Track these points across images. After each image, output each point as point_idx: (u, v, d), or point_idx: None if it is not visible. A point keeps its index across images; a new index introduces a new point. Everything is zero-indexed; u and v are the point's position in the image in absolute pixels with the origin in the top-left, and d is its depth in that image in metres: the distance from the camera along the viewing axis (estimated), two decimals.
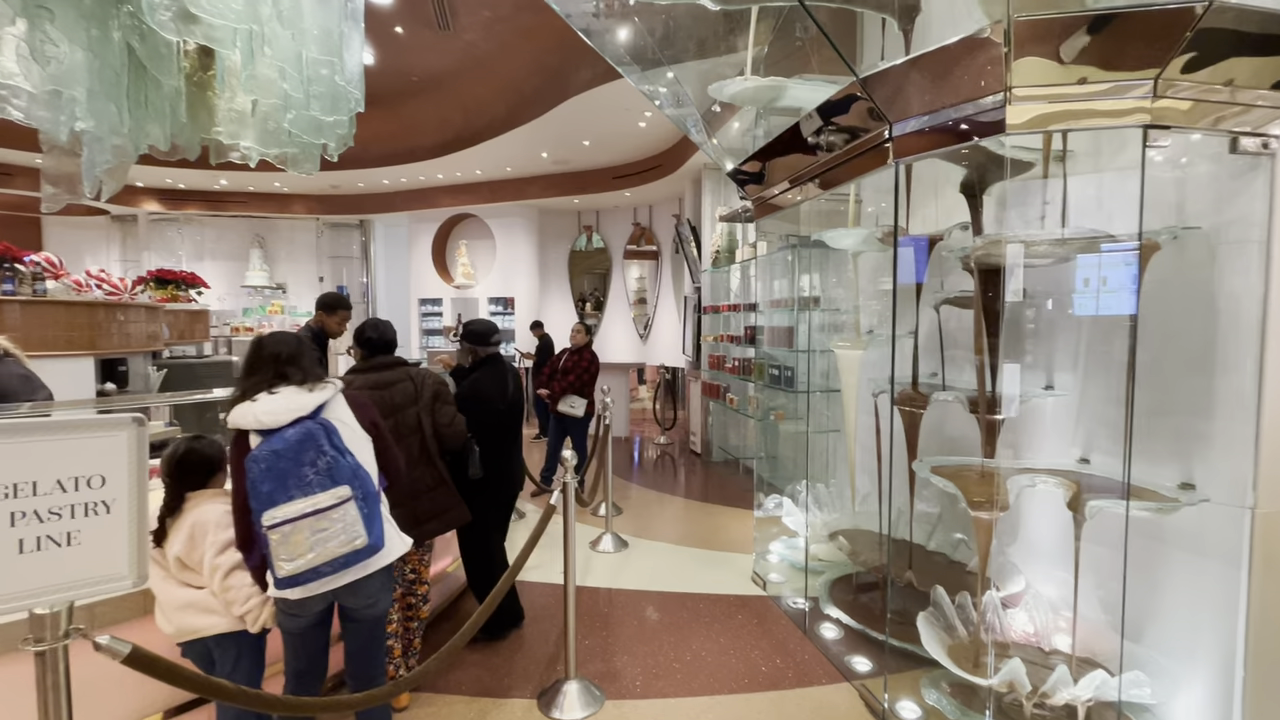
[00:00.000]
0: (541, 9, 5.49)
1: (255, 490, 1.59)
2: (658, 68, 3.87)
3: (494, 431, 2.80)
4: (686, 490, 6.01)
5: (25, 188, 8.93)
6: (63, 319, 3.81)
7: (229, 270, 11.27)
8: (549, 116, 6.57)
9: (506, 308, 10.56)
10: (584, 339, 5.66)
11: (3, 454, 1.13)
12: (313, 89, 4.31)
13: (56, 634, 1.18)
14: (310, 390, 1.76)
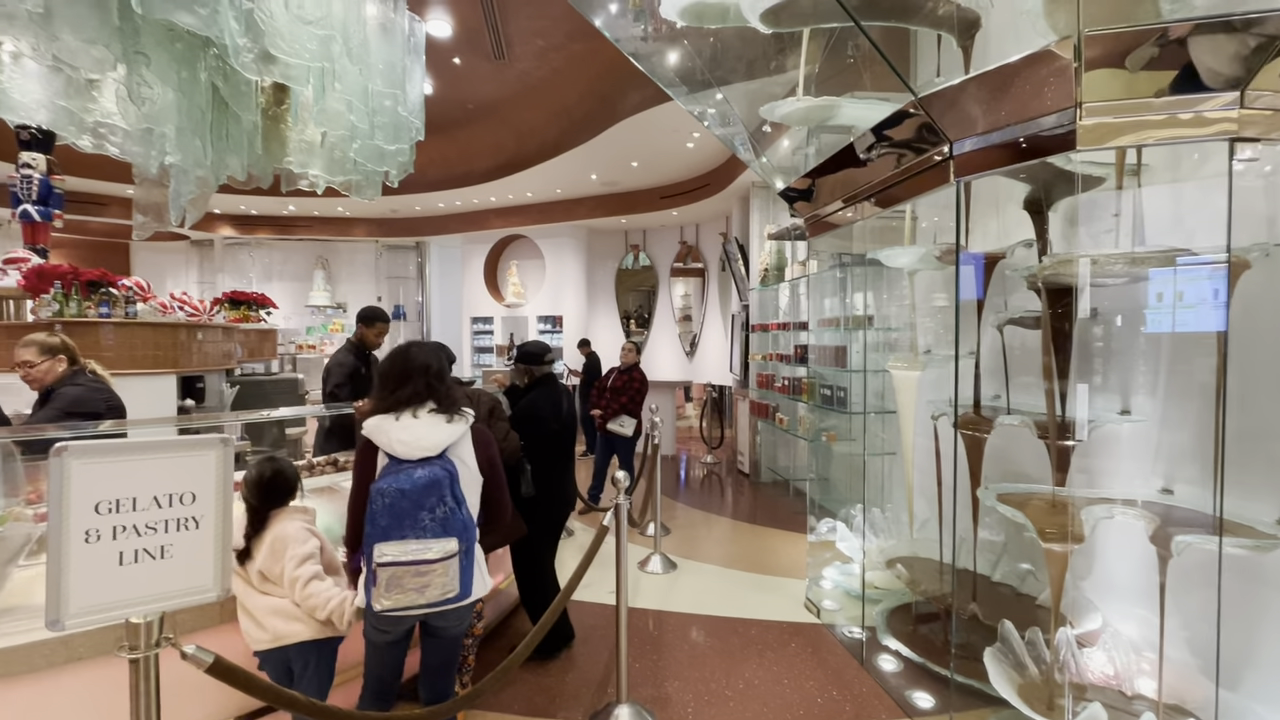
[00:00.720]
0: (593, 37, 5.64)
1: (373, 519, 1.67)
2: (706, 89, 3.92)
3: (547, 451, 2.84)
4: (734, 511, 5.93)
5: (118, 216, 9.65)
6: (150, 339, 4.09)
7: (294, 290, 11.86)
8: (599, 140, 6.70)
9: (555, 326, 10.74)
10: (634, 358, 5.69)
11: (108, 473, 1.22)
12: (377, 120, 4.54)
13: (149, 642, 1.25)
14: (449, 421, 1.82)
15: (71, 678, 1.83)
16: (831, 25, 3.09)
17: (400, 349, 1.93)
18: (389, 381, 1.85)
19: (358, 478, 1.81)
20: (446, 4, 5.19)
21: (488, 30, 5.55)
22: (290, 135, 5.48)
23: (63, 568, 1.17)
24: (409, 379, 1.84)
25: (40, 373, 2.73)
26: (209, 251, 11.98)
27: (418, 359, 1.87)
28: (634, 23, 3.64)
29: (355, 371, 3.62)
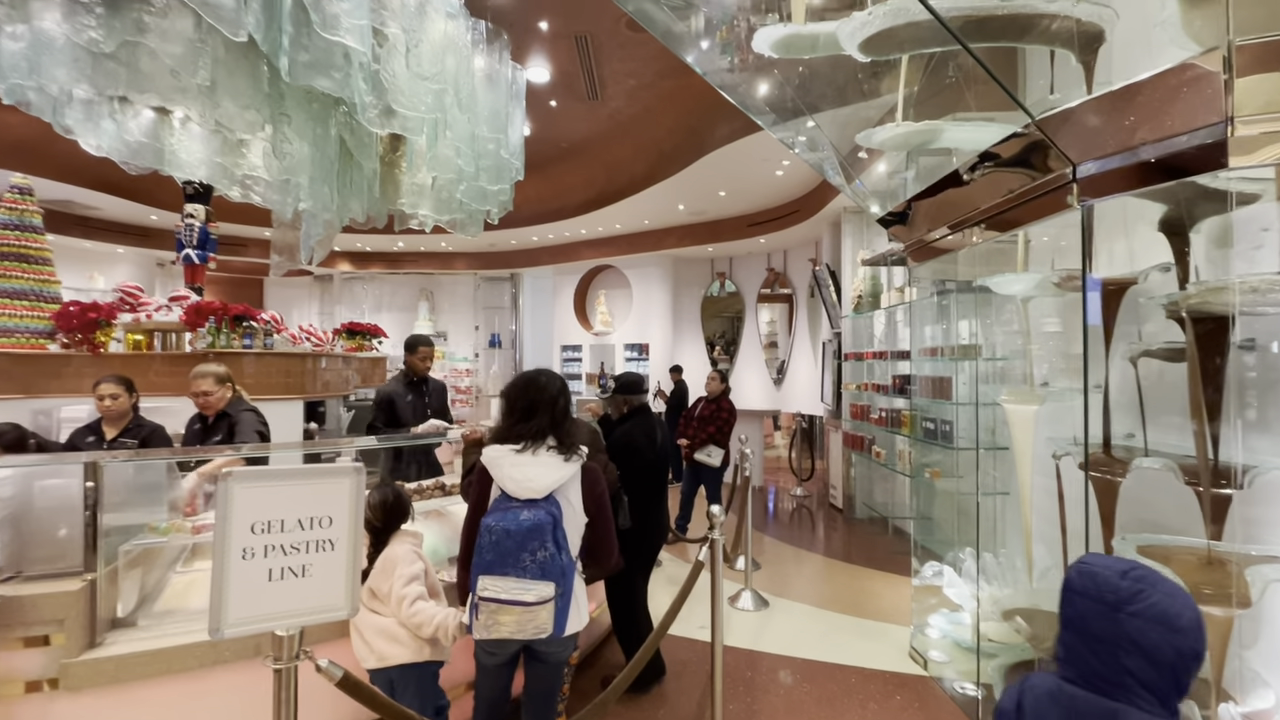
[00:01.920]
0: (682, 73, 5.77)
1: (480, 550, 1.75)
2: (797, 117, 3.89)
3: (642, 481, 2.86)
4: (827, 548, 5.69)
5: (255, 256, 10.82)
6: (283, 367, 4.53)
7: (401, 320, 12.74)
8: (687, 172, 6.81)
9: (641, 353, 10.86)
10: (720, 387, 5.64)
11: (262, 497, 1.36)
12: (482, 163, 4.85)
13: (291, 654, 1.37)
14: (565, 460, 1.86)
15: (217, 679, 2.02)
16: (935, 49, 3.01)
17: (529, 378, 1.97)
18: (515, 410, 1.92)
19: (473, 503, 1.90)
20: (545, 52, 5.50)
21: (583, 73, 5.82)
22: (403, 179, 5.97)
23: (224, 581, 1.31)
24: (535, 413, 1.89)
25: (216, 400, 3.10)
26: (329, 285, 13.14)
27: (546, 392, 1.92)
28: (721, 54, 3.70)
29: (389, 400, 3.77)
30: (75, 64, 4.01)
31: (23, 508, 2.02)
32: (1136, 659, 0.98)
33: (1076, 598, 1.08)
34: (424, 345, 3.94)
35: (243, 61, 4.07)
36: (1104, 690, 1.01)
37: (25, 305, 4.41)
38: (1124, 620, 1.00)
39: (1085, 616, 1.05)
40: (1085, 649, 1.05)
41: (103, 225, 9.33)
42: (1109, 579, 1.05)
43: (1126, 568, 1.07)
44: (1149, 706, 0.98)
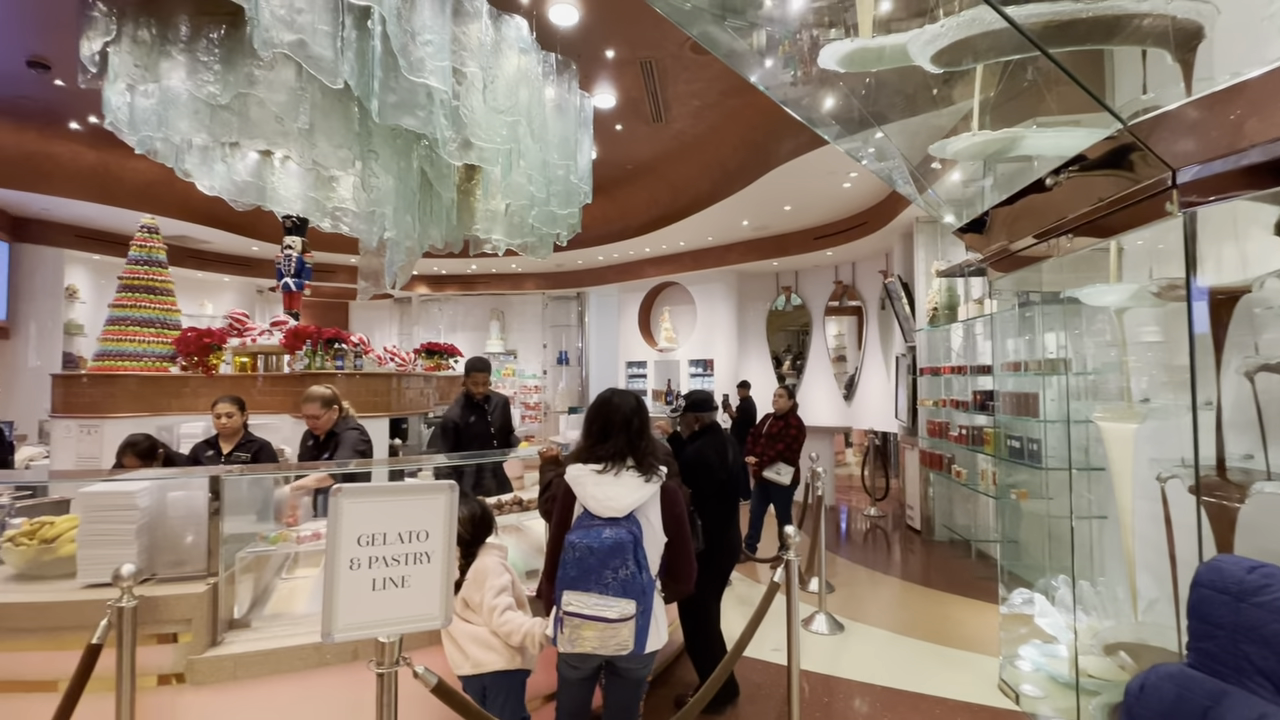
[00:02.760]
0: (746, 92, 5.81)
1: (564, 566, 1.82)
2: (864, 128, 3.83)
3: (715, 501, 2.86)
4: (904, 571, 5.46)
5: (342, 281, 11.56)
6: (371, 386, 4.83)
7: (474, 339, 13.26)
8: (751, 188, 6.81)
9: (706, 369, 10.84)
10: (788, 404, 5.56)
11: (367, 511, 1.47)
12: (552, 188, 5.03)
13: (391, 660, 1.46)
14: (646, 481, 1.91)
15: (321, 680, 2.17)
16: (1013, 57, 2.91)
17: (603, 399, 2.04)
18: (593, 432, 1.99)
19: (558, 519, 1.97)
20: (612, 79, 5.67)
21: (648, 97, 5.96)
22: (478, 207, 6.27)
23: (335, 589, 1.42)
24: (611, 434, 1.96)
25: (324, 421, 3.38)
26: (408, 307, 13.85)
27: (620, 413, 1.98)
28: (784, 69, 3.70)
29: (453, 424, 3.90)
30: (195, 116, 4.48)
31: (157, 516, 2.25)
32: (1256, 646, 1.05)
33: (1202, 589, 1.17)
34: (479, 371, 4.09)
35: (337, 105, 4.43)
36: (1219, 673, 1.09)
37: (151, 332, 4.90)
38: (1246, 610, 1.08)
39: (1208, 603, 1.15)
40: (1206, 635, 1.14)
41: (212, 257, 10.24)
42: (1235, 573, 1.14)
43: (1254, 565, 1.15)
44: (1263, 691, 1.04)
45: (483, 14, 3.75)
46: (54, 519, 2.36)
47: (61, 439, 4.67)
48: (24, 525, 2.37)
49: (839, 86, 3.65)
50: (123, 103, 4.41)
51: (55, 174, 7.19)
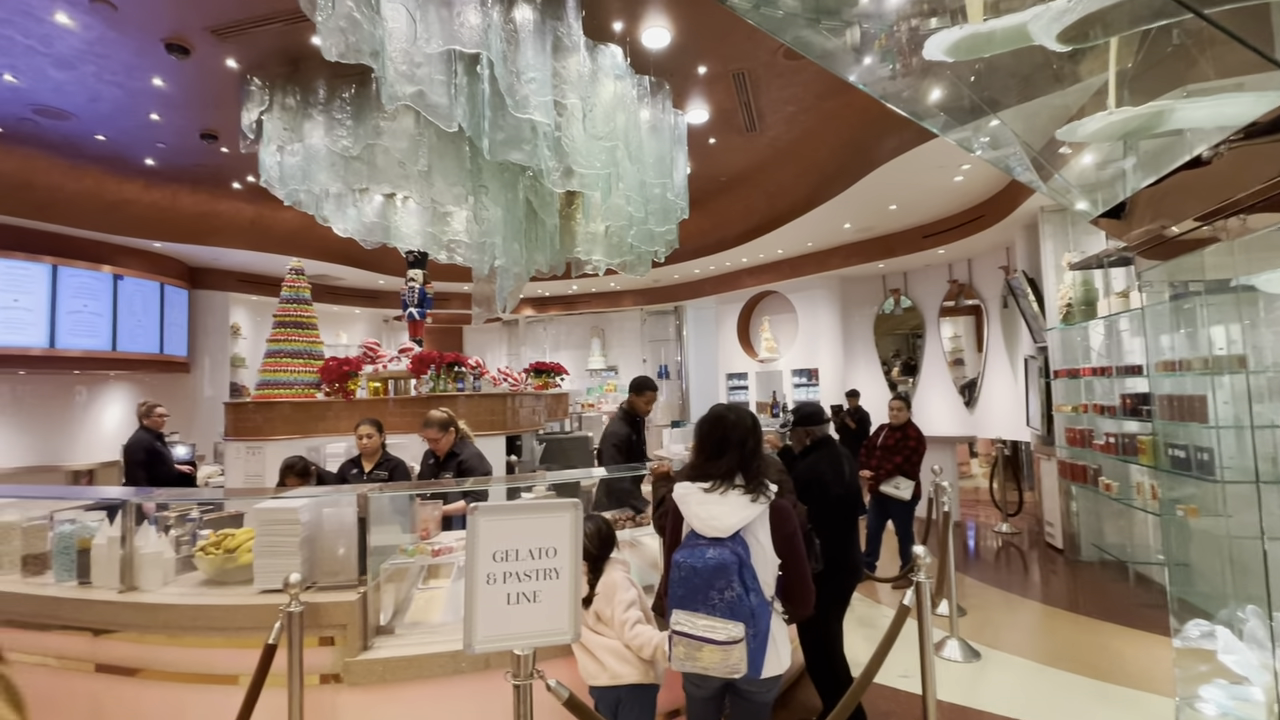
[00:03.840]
0: (842, 93, 5.64)
1: (672, 584, 1.84)
2: (977, 117, 3.59)
3: (832, 518, 2.76)
4: (1046, 595, 4.96)
5: (456, 308, 12.36)
6: (488, 407, 5.13)
7: (576, 357, 13.69)
8: (853, 190, 6.57)
9: (810, 379, 10.51)
10: (905, 415, 5.25)
11: (500, 528, 1.55)
12: (650, 207, 5.12)
13: (526, 673, 1.53)
14: (752, 500, 1.87)
15: (458, 686, 2.30)
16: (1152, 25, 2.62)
17: (717, 415, 2.01)
18: (705, 449, 1.98)
19: (668, 537, 1.99)
20: (704, 94, 5.71)
21: (741, 108, 5.93)
22: (579, 230, 6.51)
23: (474, 603, 1.51)
24: (724, 452, 1.93)
25: (443, 443, 3.64)
26: (515, 329, 14.57)
27: (735, 431, 1.95)
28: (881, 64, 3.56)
29: (627, 441, 3.93)
30: (332, 168, 5.00)
31: (315, 530, 2.51)
32: None
33: None
34: (650, 390, 4.09)
35: (451, 146, 4.78)
36: None
37: (300, 363, 5.50)
38: None
39: None
40: None
41: (346, 292, 11.33)
42: None
43: None
44: None
45: (580, 47, 3.91)
46: (234, 531, 2.70)
47: (232, 459, 5.33)
48: (210, 536, 2.72)
49: (945, 75, 3.45)
50: (274, 162, 5.02)
51: (221, 228, 8.29)
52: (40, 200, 6.79)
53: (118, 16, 4.33)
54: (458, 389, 5.06)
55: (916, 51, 3.25)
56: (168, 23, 4.43)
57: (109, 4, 4.19)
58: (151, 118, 5.88)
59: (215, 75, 5.08)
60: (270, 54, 4.79)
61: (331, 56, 3.03)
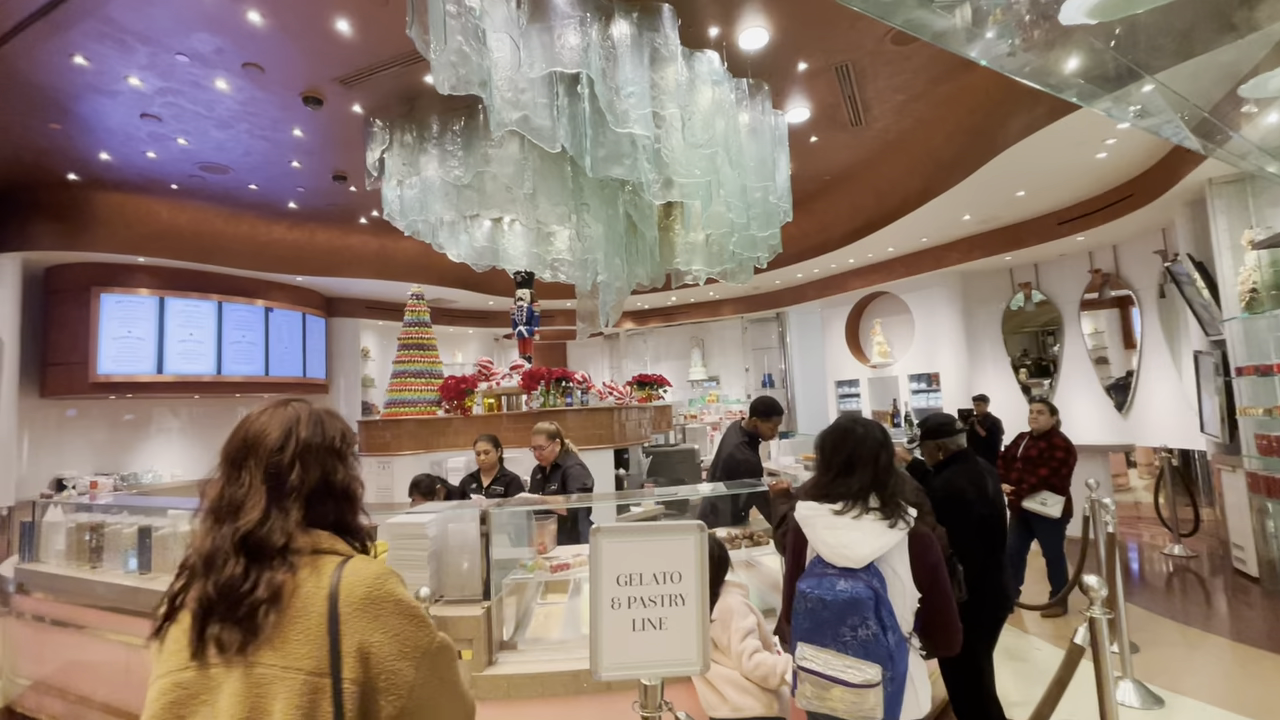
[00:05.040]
0: (959, 74, 5.21)
1: (796, 615, 1.69)
2: (1125, 84, 3.16)
3: (976, 541, 2.48)
4: (1237, 630, 4.24)
5: (560, 324, 12.75)
6: (595, 420, 5.18)
7: (677, 368, 13.66)
8: (973, 179, 6.04)
9: (930, 384, 9.78)
10: (1049, 421, 4.71)
11: (623, 550, 1.50)
12: (751, 212, 4.97)
13: (655, 704, 1.45)
14: (890, 526, 1.69)
15: (581, 706, 2.27)
16: None
17: (844, 429, 1.84)
18: (831, 466, 1.80)
19: (789, 562, 1.84)
20: (805, 91, 5.49)
21: (845, 102, 5.65)
22: (678, 240, 6.46)
23: (599, 628, 1.46)
24: (854, 469, 1.76)
25: (548, 453, 3.70)
26: (616, 342, 14.80)
27: (865, 445, 1.77)
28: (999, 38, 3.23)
29: (758, 470, 3.74)
30: (446, 197, 5.29)
31: (441, 545, 2.59)
32: None
33: None
34: (778, 415, 3.92)
35: (554, 167, 4.91)
36: None
37: (421, 382, 5.84)
38: None
39: None
40: None
41: (459, 313, 12.02)
42: None
43: None
44: None
45: (677, 56, 3.88)
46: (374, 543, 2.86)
47: (365, 473, 5.75)
48: None
49: (1081, 42, 3.07)
50: (395, 196, 5.40)
51: (351, 260, 9.08)
52: (207, 246, 7.75)
53: (265, 77, 4.85)
54: (566, 404, 5.16)
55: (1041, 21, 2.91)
56: (305, 77, 4.90)
57: (258, 67, 4.70)
58: (292, 165, 6.54)
59: (344, 121, 5.56)
60: (390, 96, 5.17)
61: (444, 90, 3.18)
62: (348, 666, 0.94)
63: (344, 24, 4.24)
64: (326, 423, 1.15)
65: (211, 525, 1.03)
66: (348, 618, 0.96)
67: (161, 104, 5.17)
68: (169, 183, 6.85)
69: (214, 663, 0.94)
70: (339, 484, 1.11)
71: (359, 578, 1.00)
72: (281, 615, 0.96)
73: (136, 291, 7.58)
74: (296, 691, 0.91)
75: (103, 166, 6.32)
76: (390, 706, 0.97)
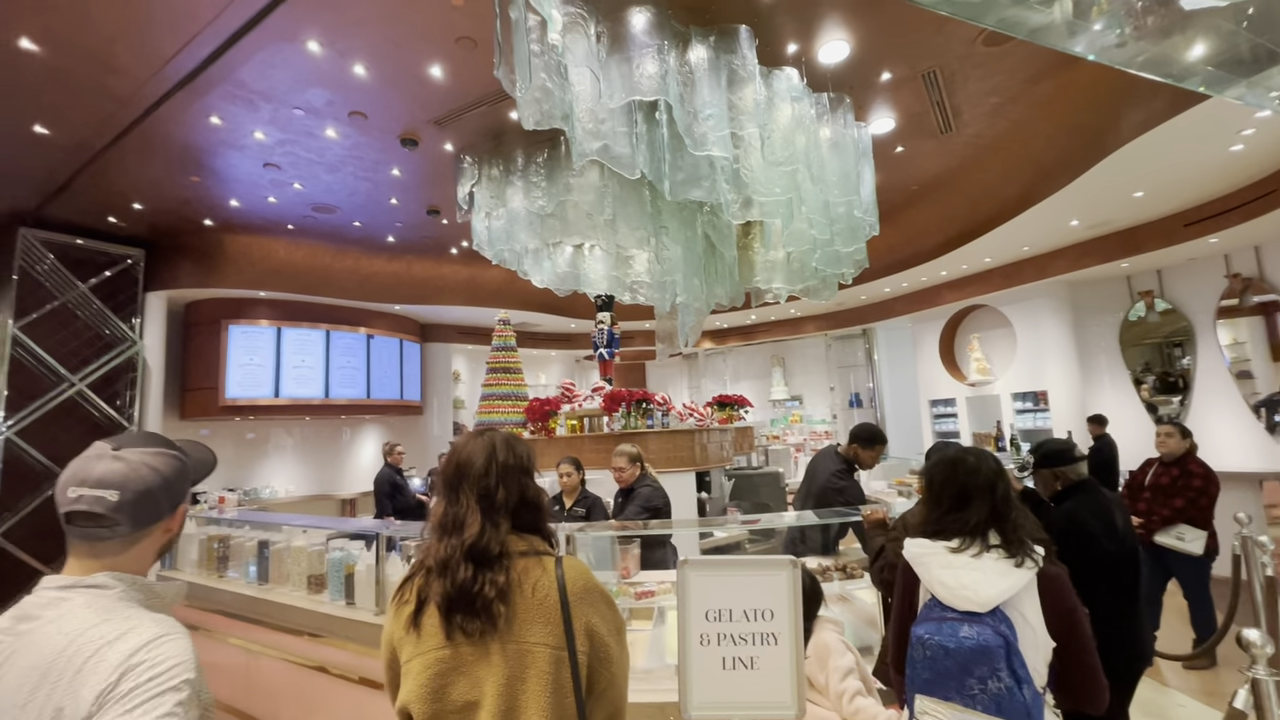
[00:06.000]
0: (1061, 70, 4.86)
1: (913, 663, 1.56)
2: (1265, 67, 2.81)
3: (1103, 582, 2.23)
4: None
5: (639, 345, 12.86)
6: (676, 443, 5.14)
7: (756, 387, 13.40)
8: (1081, 181, 5.58)
9: (1037, 403, 9.04)
10: (1181, 445, 4.22)
11: (711, 584, 1.45)
12: (835, 227, 4.82)
13: None
14: (1016, 565, 1.54)
15: None
16: None
17: (955, 459, 1.69)
18: (942, 499, 1.67)
19: (898, 604, 1.71)
20: (889, 101, 5.31)
21: (933, 109, 5.41)
22: (757, 259, 6.37)
23: (688, 664, 1.42)
24: (968, 501, 1.61)
25: (628, 476, 3.70)
26: (695, 362, 14.74)
27: (980, 476, 1.61)
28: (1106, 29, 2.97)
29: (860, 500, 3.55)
30: (530, 227, 5.48)
31: None
32: None
33: None
34: (882, 443, 3.73)
35: (633, 193, 4.98)
36: None
37: (509, 404, 6.04)
38: None
39: None
40: None
41: (542, 337, 12.39)
42: None
43: None
44: None
45: (755, 76, 3.85)
46: None
47: None
48: None
49: (1207, 24, 2.78)
50: (483, 227, 5.66)
51: (443, 289, 9.59)
52: (318, 280, 8.44)
53: (368, 124, 5.25)
54: (647, 425, 5.16)
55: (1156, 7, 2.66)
56: (402, 121, 5.27)
57: (362, 115, 5.10)
58: (391, 202, 7.02)
59: (437, 159, 5.92)
60: (478, 133, 5.46)
61: (529, 125, 3.31)
62: (580, 641, 1.22)
63: (437, 69, 4.53)
64: (516, 447, 1.41)
65: (441, 537, 1.29)
66: (574, 604, 1.24)
67: (281, 153, 5.71)
68: (286, 223, 7.53)
69: (463, 644, 1.20)
70: (531, 497, 1.39)
71: (576, 573, 1.30)
72: (526, 603, 1.23)
73: (258, 323, 8.36)
74: (546, 661, 1.19)
75: (232, 212, 7.04)
76: (605, 675, 1.26)
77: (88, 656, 0.88)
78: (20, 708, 0.85)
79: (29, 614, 0.94)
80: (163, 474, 1.08)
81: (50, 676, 0.87)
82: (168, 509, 1.10)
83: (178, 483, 1.11)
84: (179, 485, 1.12)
